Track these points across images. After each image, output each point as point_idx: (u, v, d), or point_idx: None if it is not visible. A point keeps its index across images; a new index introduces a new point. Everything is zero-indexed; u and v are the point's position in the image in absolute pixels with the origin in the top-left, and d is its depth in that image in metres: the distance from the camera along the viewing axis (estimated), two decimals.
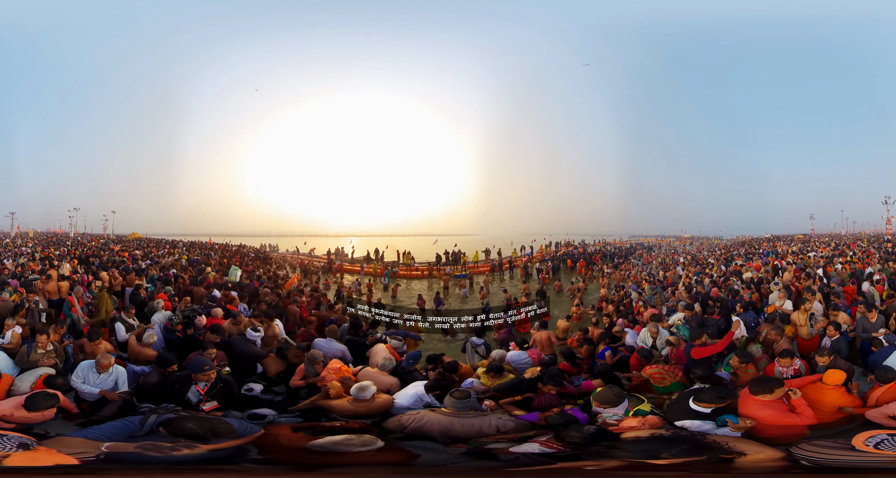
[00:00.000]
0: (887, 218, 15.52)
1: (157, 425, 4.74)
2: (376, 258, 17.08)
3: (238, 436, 4.76)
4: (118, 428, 4.77)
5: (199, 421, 4.91)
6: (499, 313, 10.13)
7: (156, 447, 4.47)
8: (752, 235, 19.45)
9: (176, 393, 5.50)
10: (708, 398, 4.69)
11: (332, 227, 19.24)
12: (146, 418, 4.81)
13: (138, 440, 4.58)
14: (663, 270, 16.50)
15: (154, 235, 18.31)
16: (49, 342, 6.28)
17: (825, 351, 5.81)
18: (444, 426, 4.82)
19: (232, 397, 5.77)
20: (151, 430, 4.70)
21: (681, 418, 4.76)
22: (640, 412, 4.93)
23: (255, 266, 16.05)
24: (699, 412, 4.71)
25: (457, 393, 5.13)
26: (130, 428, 4.75)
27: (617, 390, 5.18)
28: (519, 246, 18.04)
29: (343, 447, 4.56)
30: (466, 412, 4.99)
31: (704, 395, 4.72)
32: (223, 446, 4.61)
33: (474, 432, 4.81)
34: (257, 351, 6.96)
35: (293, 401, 5.99)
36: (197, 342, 6.84)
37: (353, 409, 5.34)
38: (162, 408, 5.24)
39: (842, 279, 10.99)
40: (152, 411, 5.04)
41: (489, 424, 4.90)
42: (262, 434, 4.83)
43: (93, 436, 4.64)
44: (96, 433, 4.68)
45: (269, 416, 5.45)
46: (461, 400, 5.02)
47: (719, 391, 4.79)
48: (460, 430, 4.80)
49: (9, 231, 16.22)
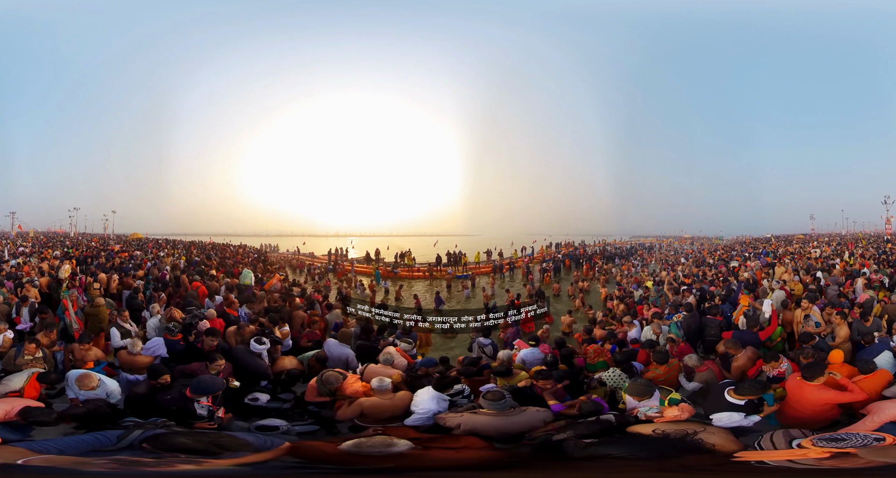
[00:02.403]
0: (887, 218, 15.59)
1: (141, 441, 4.31)
2: (376, 259, 17.07)
3: (258, 450, 4.54)
4: (84, 441, 4.32)
5: (194, 435, 4.60)
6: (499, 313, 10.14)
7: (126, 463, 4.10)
8: (753, 235, 19.52)
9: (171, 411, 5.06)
10: (747, 391, 4.87)
11: (331, 227, 19.27)
12: (127, 434, 4.39)
13: (102, 454, 4.16)
14: (664, 270, 16.53)
15: (154, 236, 18.27)
16: (38, 350, 6.08)
17: (809, 351, 5.81)
18: (495, 426, 4.88)
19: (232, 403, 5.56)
20: (131, 445, 4.27)
21: (717, 410, 4.88)
22: (674, 401, 5.07)
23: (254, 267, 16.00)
24: (734, 404, 4.86)
25: (489, 395, 5.11)
26: (101, 442, 4.31)
27: (646, 382, 5.32)
28: (520, 247, 18.06)
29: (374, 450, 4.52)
30: (508, 411, 5.02)
31: (743, 387, 4.90)
32: (251, 460, 4.39)
33: (526, 427, 4.91)
34: (263, 365, 6.49)
35: (303, 409, 5.72)
36: (201, 351, 6.47)
37: (384, 405, 5.35)
38: (150, 423, 4.82)
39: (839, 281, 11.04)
40: (137, 426, 4.64)
41: (538, 418, 5.02)
42: (289, 447, 4.56)
43: (39, 448, 4.18)
44: (48, 445, 4.22)
45: (281, 427, 5.20)
46: (497, 401, 5.03)
47: (757, 384, 5.00)
48: (512, 427, 4.89)
49: (9, 231, 16.18)
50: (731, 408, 4.83)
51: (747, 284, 10.90)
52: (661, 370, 6.17)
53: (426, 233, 18.83)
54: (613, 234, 19.87)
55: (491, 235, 18.47)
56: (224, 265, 14.81)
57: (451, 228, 18.78)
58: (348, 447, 4.52)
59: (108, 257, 13.65)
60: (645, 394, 5.11)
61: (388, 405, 5.39)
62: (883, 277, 10.99)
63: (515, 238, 18.29)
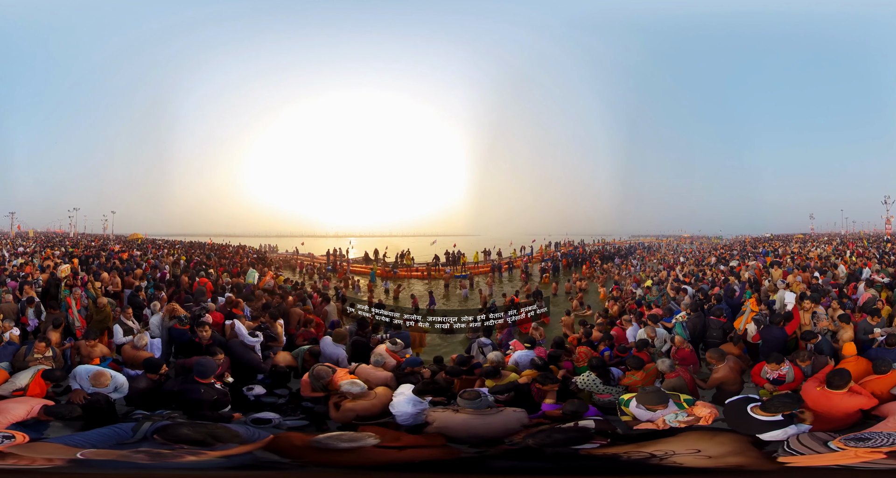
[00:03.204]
0: (887, 218, 15.54)
1: (152, 433, 4.55)
2: (375, 259, 17.06)
3: (245, 441, 4.64)
4: (106, 435, 4.55)
5: (194, 426, 4.76)
6: (499, 313, 10.13)
7: (152, 455, 4.30)
8: (753, 235, 19.47)
9: (177, 400, 5.30)
10: (778, 407, 4.71)
11: (331, 227, 19.26)
12: (139, 426, 4.63)
13: (129, 447, 4.41)
14: (664, 270, 16.50)
15: (154, 236, 18.30)
16: (48, 348, 6.18)
17: (805, 354, 5.76)
18: (467, 427, 4.77)
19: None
20: (145, 437, 4.51)
21: (741, 426, 4.74)
22: (689, 402, 4.98)
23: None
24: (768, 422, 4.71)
25: (466, 394, 5.05)
26: (121, 435, 4.55)
27: (656, 389, 5.19)
28: (519, 246, 18.04)
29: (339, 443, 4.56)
30: (485, 411, 4.92)
31: (773, 404, 4.73)
32: (236, 451, 4.50)
33: (501, 430, 4.76)
34: (256, 359, 6.73)
35: (297, 404, 5.85)
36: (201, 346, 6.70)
37: (372, 405, 5.33)
38: (157, 415, 5.05)
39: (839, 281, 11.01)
40: (146, 418, 4.87)
41: (515, 420, 4.89)
42: (271, 439, 4.72)
43: (74, 442, 4.40)
44: (79, 440, 4.45)
45: (273, 420, 5.32)
46: (473, 400, 4.94)
47: (787, 398, 4.85)
48: (485, 430, 4.75)
49: (9, 231, 16.21)
50: (764, 426, 4.65)
51: (750, 284, 10.87)
52: (638, 376, 6.08)
53: (427, 233, 18.83)
54: (613, 234, 19.85)
55: (492, 236, 18.46)
56: (223, 265, 14.83)
57: (452, 228, 18.79)
58: (317, 441, 4.62)
59: (109, 257, 13.68)
60: (659, 402, 4.90)
61: (377, 404, 5.36)
62: (885, 276, 10.96)
63: (516, 238, 18.30)
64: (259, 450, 4.56)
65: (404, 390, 5.44)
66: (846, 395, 4.90)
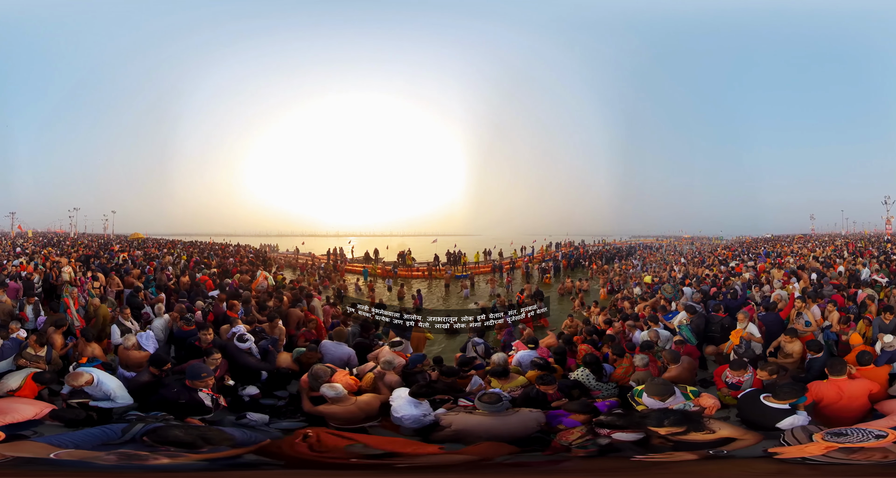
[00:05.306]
0: (887, 218, 15.52)
1: (142, 435, 4.46)
2: (375, 259, 17.07)
3: (239, 445, 4.61)
4: (93, 435, 4.47)
5: (186, 429, 4.73)
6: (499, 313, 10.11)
7: (129, 456, 4.23)
8: (753, 235, 19.46)
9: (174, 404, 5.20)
10: (787, 394, 4.86)
11: (331, 227, 19.26)
12: (130, 427, 4.55)
13: (110, 448, 4.32)
14: (665, 271, 16.50)
15: (154, 235, 18.30)
16: (43, 348, 6.20)
17: (772, 368, 5.62)
18: (487, 427, 4.83)
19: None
20: (134, 438, 4.43)
21: (758, 419, 4.86)
22: (695, 393, 5.14)
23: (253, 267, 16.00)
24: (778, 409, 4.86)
25: (485, 397, 5.08)
26: (108, 435, 4.47)
27: (662, 380, 5.35)
28: (519, 247, 18.04)
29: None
30: (503, 412, 4.99)
31: (783, 392, 4.88)
32: (224, 455, 4.48)
33: (521, 430, 4.86)
34: (252, 362, 6.61)
35: (295, 406, 5.83)
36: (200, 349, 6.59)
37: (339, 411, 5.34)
38: (151, 416, 4.98)
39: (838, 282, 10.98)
40: (140, 420, 4.81)
41: (532, 420, 4.98)
42: (268, 443, 4.71)
43: (58, 442, 4.34)
44: (64, 439, 4.38)
45: (254, 422, 5.25)
46: (493, 404, 4.98)
47: (794, 386, 5.00)
48: (505, 431, 4.83)
49: (9, 231, 16.21)
50: (777, 413, 4.80)
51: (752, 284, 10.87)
52: (626, 363, 6.43)
53: (427, 233, 18.82)
54: (613, 234, 19.85)
55: (492, 236, 18.46)
56: (222, 265, 14.83)
57: (452, 228, 18.78)
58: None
59: (109, 257, 13.68)
60: (666, 393, 5.08)
61: (353, 410, 5.35)
62: (884, 276, 10.96)
63: (516, 238, 18.29)
64: (252, 454, 4.54)
65: (401, 392, 5.44)
66: (854, 381, 5.15)
